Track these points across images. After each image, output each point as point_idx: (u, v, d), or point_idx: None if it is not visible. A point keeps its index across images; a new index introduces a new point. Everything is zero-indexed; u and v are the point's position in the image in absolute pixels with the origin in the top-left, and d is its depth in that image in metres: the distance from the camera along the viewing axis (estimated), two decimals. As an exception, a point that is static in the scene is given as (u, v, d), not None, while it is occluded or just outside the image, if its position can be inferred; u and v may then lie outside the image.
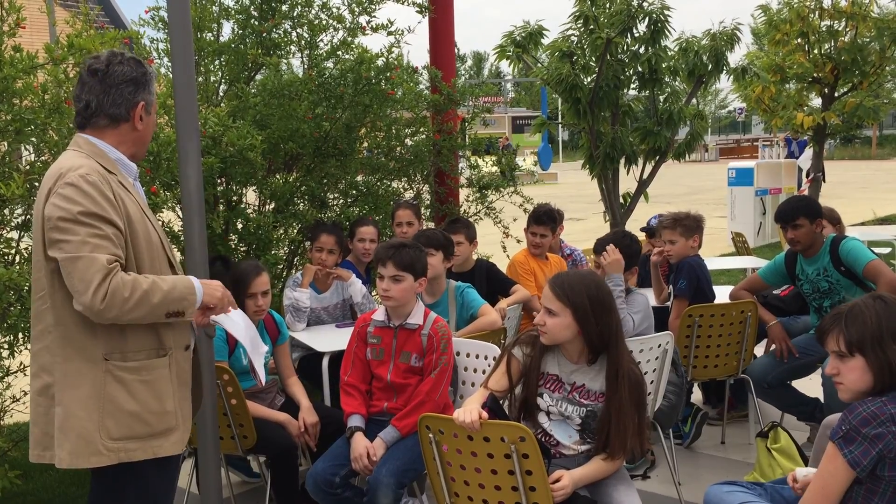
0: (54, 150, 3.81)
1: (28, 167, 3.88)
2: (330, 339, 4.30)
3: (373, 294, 4.84)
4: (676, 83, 7.89)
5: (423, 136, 5.93)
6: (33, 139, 3.87)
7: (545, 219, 5.11)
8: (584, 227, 14.96)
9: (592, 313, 2.79)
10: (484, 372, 3.58)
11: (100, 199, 2.29)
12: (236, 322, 2.74)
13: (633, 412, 2.78)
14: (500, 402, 2.93)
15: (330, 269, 4.62)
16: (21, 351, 3.93)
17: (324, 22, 5.34)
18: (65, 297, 2.31)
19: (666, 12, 7.23)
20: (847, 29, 11.54)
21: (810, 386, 4.69)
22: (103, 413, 2.33)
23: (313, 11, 5.35)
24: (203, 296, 2.44)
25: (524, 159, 23.83)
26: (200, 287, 2.44)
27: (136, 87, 2.48)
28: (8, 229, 4.00)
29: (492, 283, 4.77)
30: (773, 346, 4.59)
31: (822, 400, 4.42)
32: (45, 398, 2.37)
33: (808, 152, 16.28)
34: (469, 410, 2.59)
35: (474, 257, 4.97)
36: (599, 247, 4.18)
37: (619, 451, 2.78)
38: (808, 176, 13.00)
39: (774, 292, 5.29)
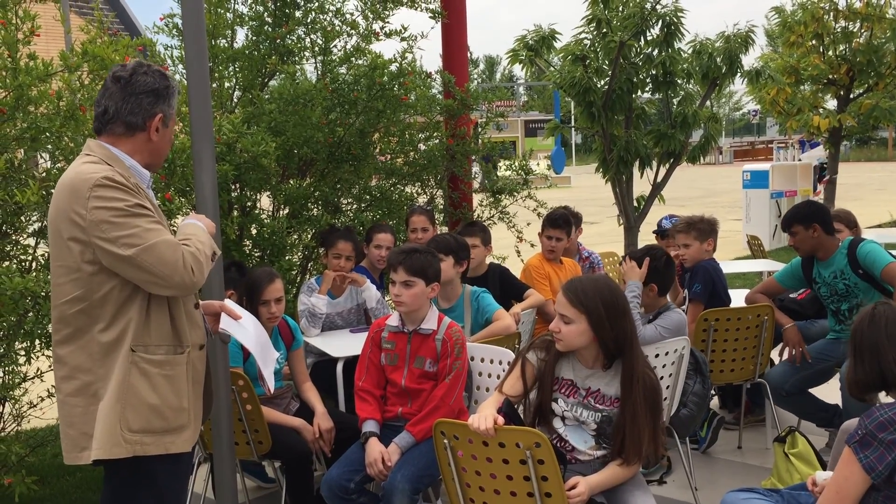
0: (70, 157, 3.83)
1: (44, 174, 3.91)
2: (344, 345, 4.30)
3: (387, 299, 4.83)
4: (690, 86, 7.87)
5: (437, 141, 5.93)
6: (49, 146, 3.90)
7: (561, 222, 5.11)
8: (597, 231, 14.91)
9: (607, 318, 2.77)
10: (498, 377, 3.57)
11: (131, 197, 2.36)
12: (247, 329, 2.74)
13: (649, 417, 2.76)
14: (515, 406, 2.92)
15: (346, 274, 4.63)
16: (38, 357, 3.96)
17: (337, 28, 5.36)
18: (105, 295, 2.36)
19: (679, 14, 7.20)
20: (862, 30, 11.47)
21: (828, 392, 4.64)
22: (125, 404, 2.37)
23: (327, 18, 5.37)
24: (205, 229, 2.60)
25: (537, 163, 23.77)
26: (199, 223, 2.60)
27: (157, 99, 2.50)
28: (24, 236, 4.02)
29: (505, 287, 4.77)
30: (788, 350, 4.56)
31: (841, 406, 4.38)
32: (82, 398, 2.40)
33: (814, 151, 16.28)
34: (484, 417, 2.58)
35: (487, 261, 4.97)
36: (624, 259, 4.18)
37: (634, 457, 2.77)
38: (821, 179, 12.93)
39: (791, 296, 5.25)
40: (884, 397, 2.56)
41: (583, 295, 2.80)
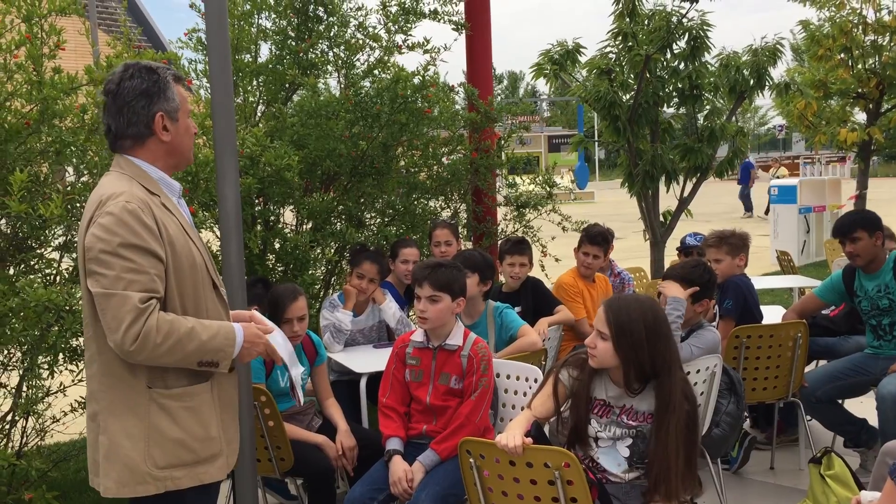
0: (94, 171, 3.82)
1: (68, 188, 3.90)
2: (368, 360, 4.25)
3: (411, 315, 4.78)
4: (717, 100, 7.79)
5: (461, 155, 5.89)
6: (73, 160, 3.89)
7: (599, 239, 5.03)
8: (622, 246, 14.77)
9: (647, 342, 2.68)
10: (525, 394, 3.50)
11: (140, 228, 2.23)
12: (277, 342, 2.69)
13: (681, 450, 2.63)
14: (544, 426, 2.84)
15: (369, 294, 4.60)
16: (61, 371, 3.94)
17: (360, 41, 5.35)
18: None
19: (706, 28, 7.14)
20: (892, 44, 11.33)
21: (862, 409, 4.52)
22: (149, 442, 2.29)
23: (349, 31, 5.36)
24: (241, 350, 2.38)
25: (561, 177, 23.71)
26: (241, 340, 2.38)
27: (150, 99, 2.35)
28: (49, 249, 4.02)
29: (538, 299, 4.69)
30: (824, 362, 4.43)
31: (868, 422, 4.26)
32: (94, 424, 2.36)
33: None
34: (513, 436, 2.51)
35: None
36: (667, 274, 4.06)
37: (665, 493, 2.65)
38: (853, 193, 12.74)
39: (823, 312, 5.14)
40: None
41: (626, 315, 2.72)
